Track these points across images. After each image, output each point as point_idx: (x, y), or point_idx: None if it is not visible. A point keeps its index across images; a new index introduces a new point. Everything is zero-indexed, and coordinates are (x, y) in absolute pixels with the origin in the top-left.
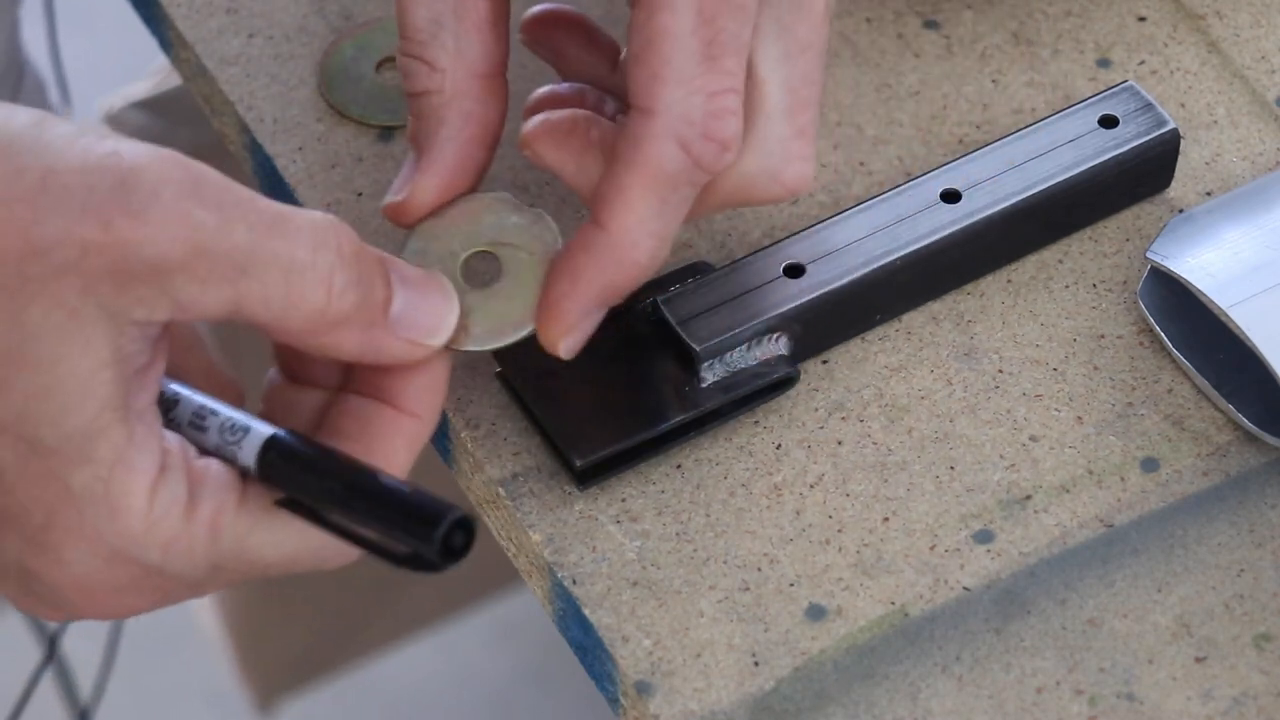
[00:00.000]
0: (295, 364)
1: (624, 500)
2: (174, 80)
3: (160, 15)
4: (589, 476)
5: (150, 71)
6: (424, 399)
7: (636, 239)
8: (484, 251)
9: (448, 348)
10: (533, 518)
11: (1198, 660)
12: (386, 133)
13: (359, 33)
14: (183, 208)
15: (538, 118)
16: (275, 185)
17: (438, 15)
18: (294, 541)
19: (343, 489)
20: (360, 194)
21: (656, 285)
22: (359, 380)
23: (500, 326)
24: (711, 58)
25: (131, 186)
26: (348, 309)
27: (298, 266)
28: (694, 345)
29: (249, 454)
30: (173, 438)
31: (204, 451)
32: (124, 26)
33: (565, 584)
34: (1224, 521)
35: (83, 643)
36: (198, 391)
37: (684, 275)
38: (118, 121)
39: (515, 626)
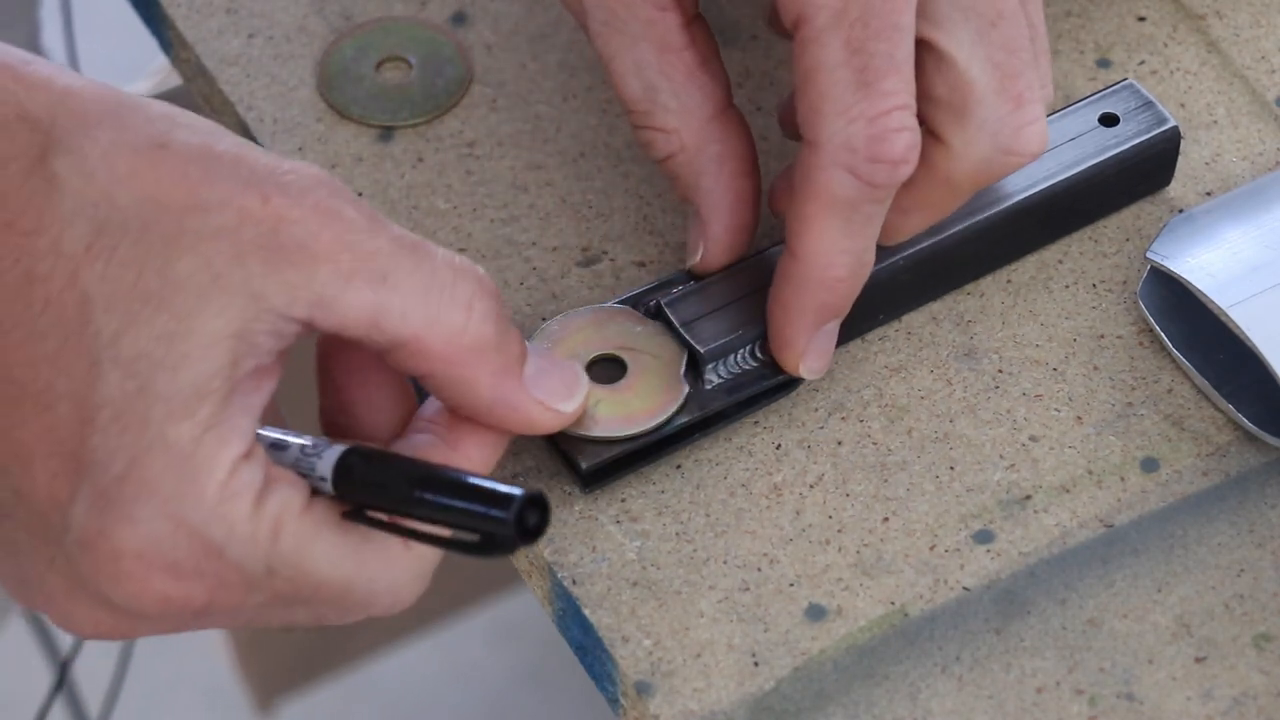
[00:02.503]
0: (345, 419)
1: (624, 500)
2: (174, 80)
3: (160, 15)
4: (594, 479)
5: (150, 71)
6: (477, 457)
7: (829, 260)
8: (608, 357)
9: (576, 432)
10: None
11: (1198, 660)
12: (386, 133)
13: (359, 33)
14: (334, 203)
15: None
16: None
17: (650, 81)
18: (351, 564)
19: (415, 484)
20: (360, 194)
21: (659, 287)
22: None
23: (630, 416)
24: (866, 83)
25: (288, 177)
26: (487, 336)
27: (438, 284)
28: (698, 347)
29: (327, 465)
30: (261, 440)
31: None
32: (124, 27)
33: (565, 584)
34: (1224, 521)
35: (96, 661)
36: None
37: (687, 277)
38: None
39: (515, 626)
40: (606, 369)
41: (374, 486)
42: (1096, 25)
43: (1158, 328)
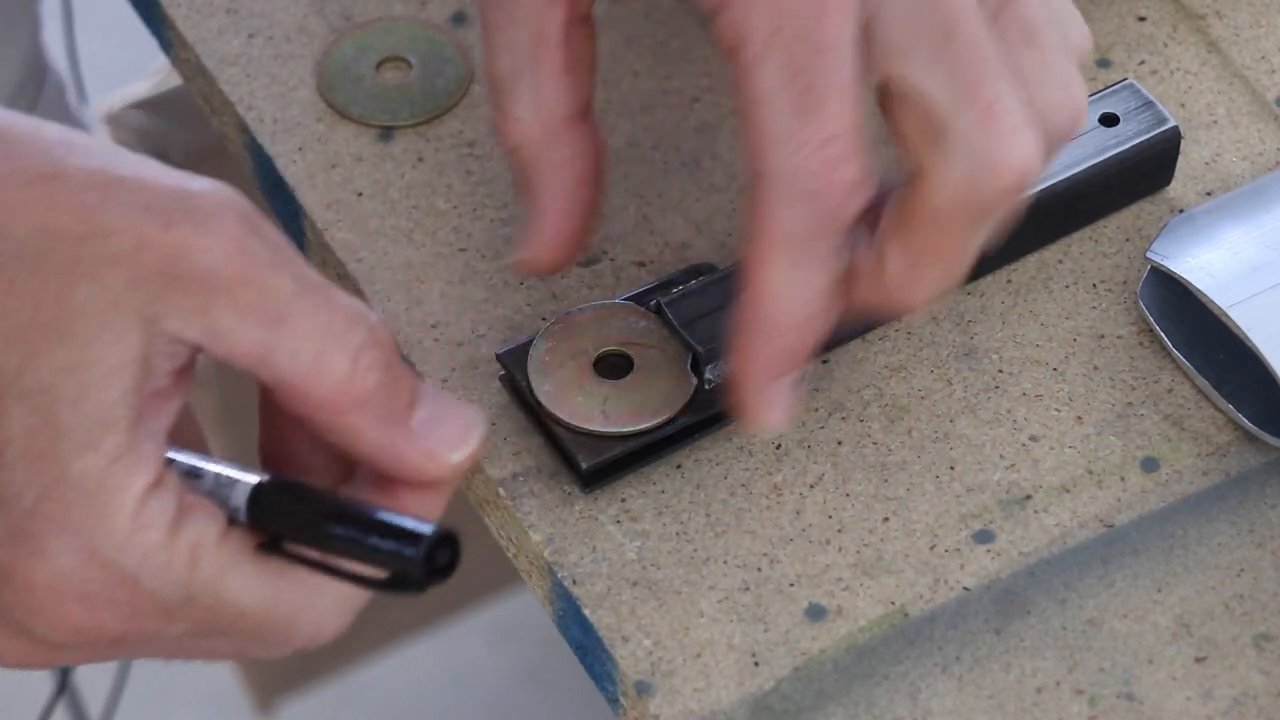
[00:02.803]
0: (284, 459)
1: (624, 500)
2: (174, 80)
3: (160, 15)
4: (594, 479)
5: (150, 72)
6: (411, 502)
7: (783, 303)
8: (614, 352)
9: (584, 428)
10: (533, 518)
11: (1198, 660)
12: (386, 133)
13: (359, 33)
14: (240, 233)
15: None
16: (275, 185)
17: (517, 65)
18: (268, 592)
19: (327, 517)
20: (360, 194)
21: (659, 287)
22: (355, 489)
23: (636, 412)
24: (809, 108)
25: (196, 203)
26: (370, 387)
27: (332, 332)
28: (698, 347)
29: (241, 495)
30: (172, 469)
31: None
32: (124, 27)
33: (565, 584)
34: (1224, 521)
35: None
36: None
37: (687, 277)
38: (117, 122)
39: (515, 626)
40: (613, 365)
41: (287, 518)
42: (1096, 25)
43: (1158, 328)
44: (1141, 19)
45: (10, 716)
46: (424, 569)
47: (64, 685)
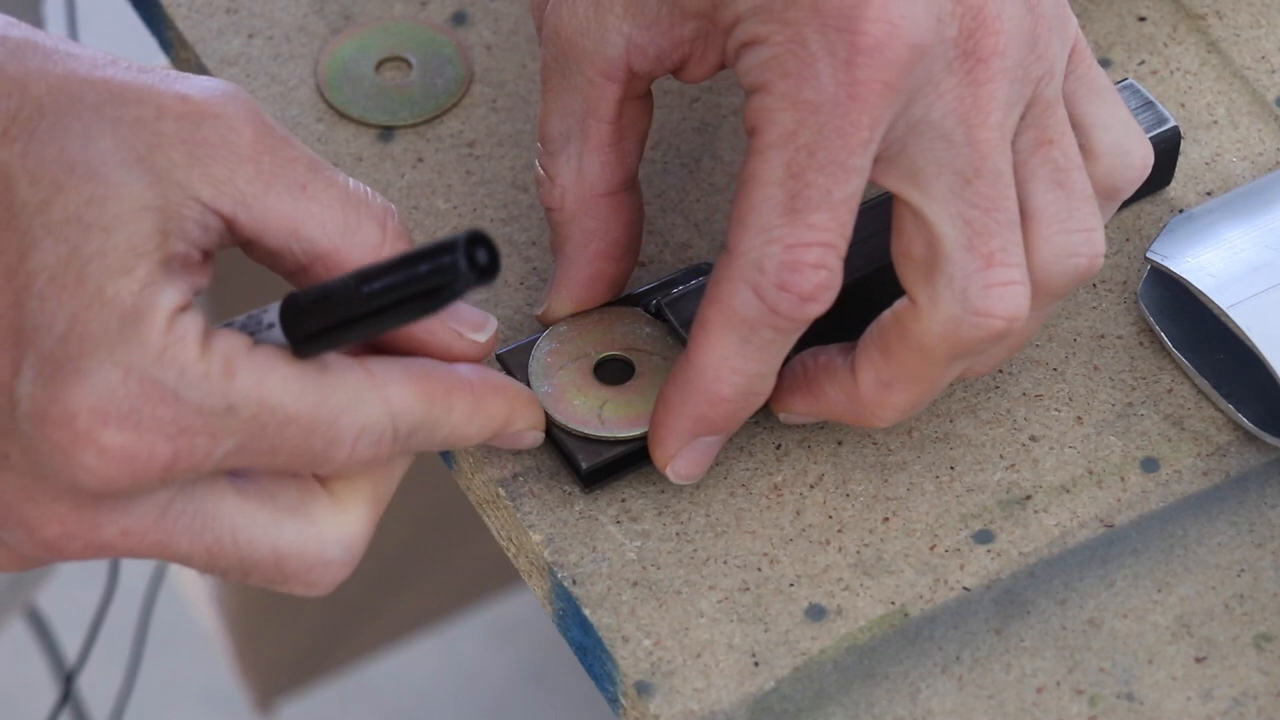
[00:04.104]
0: None
1: (624, 500)
2: None
3: (160, 15)
4: (594, 479)
5: None
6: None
7: (718, 374)
8: (616, 357)
9: (582, 431)
10: (533, 518)
11: (1198, 660)
12: (386, 133)
13: (359, 33)
14: (254, 111)
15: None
16: None
17: (566, 131)
18: (310, 389)
19: (360, 281)
20: None
21: (660, 287)
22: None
23: (633, 418)
24: (795, 210)
25: (203, 82)
26: (402, 251)
27: (354, 199)
28: None
29: (274, 310)
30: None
31: None
32: (124, 27)
33: (565, 584)
34: (1224, 521)
35: (99, 665)
36: None
37: (687, 277)
38: None
39: (515, 626)
40: (614, 369)
41: (321, 303)
42: (1096, 25)
43: (1158, 328)
44: (1141, 19)
45: (10, 716)
46: (469, 266)
47: (68, 694)
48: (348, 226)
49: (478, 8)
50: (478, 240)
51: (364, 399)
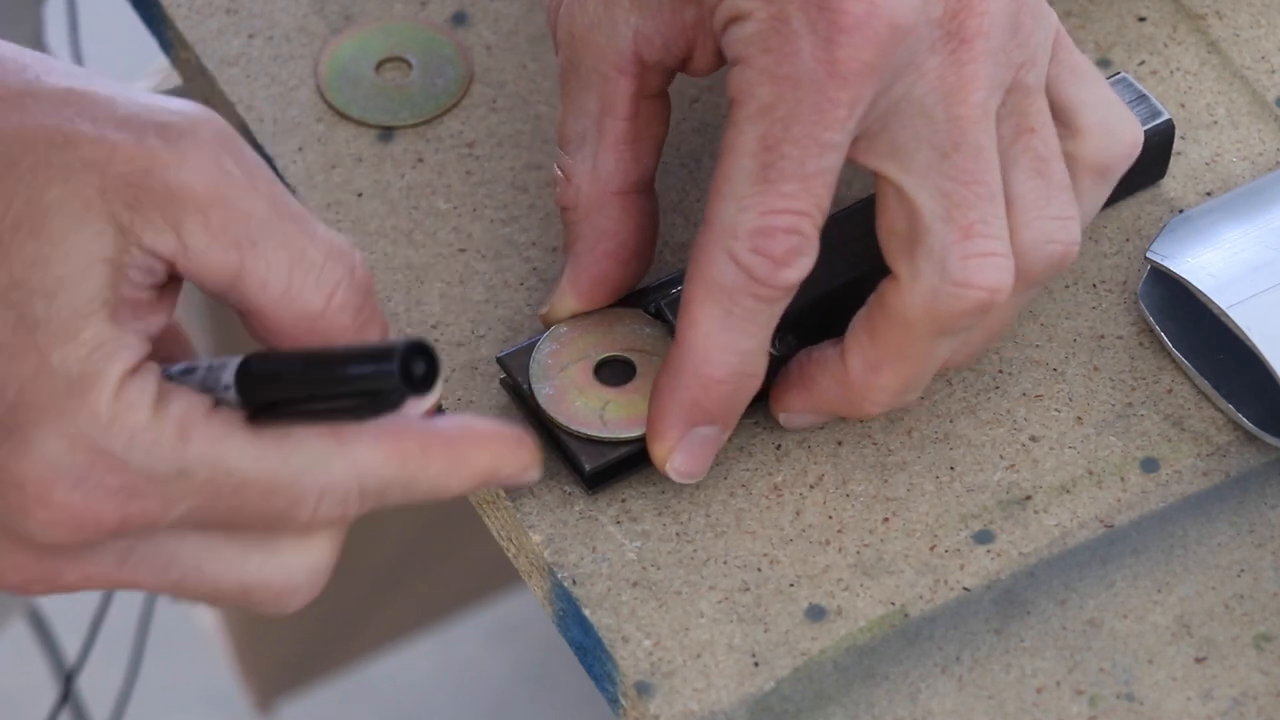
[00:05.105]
0: None
1: (624, 500)
2: (174, 80)
3: (160, 15)
4: (597, 480)
5: (150, 71)
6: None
7: (707, 353)
8: (617, 358)
9: (583, 433)
10: (533, 518)
11: (1198, 660)
12: (386, 133)
13: (359, 33)
14: (215, 152)
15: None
16: None
17: (583, 130)
18: (269, 454)
19: (307, 363)
20: (360, 194)
21: (660, 287)
22: None
23: (636, 418)
24: (767, 180)
25: (170, 119)
26: (341, 326)
27: (306, 262)
28: None
29: (230, 371)
30: (151, 360)
31: None
32: (124, 27)
33: (565, 584)
34: (1224, 521)
35: (100, 666)
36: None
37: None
38: None
39: (515, 626)
40: (615, 370)
41: (271, 375)
42: (1096, 25)
43: (1158, 328)
44: (1141, 19)
45: (11, 716)
46: (401, 380)
47: (68, 694)
48: (289, 291)
49: (478, 8)
50: (417, 350)
51: (327, 461)
